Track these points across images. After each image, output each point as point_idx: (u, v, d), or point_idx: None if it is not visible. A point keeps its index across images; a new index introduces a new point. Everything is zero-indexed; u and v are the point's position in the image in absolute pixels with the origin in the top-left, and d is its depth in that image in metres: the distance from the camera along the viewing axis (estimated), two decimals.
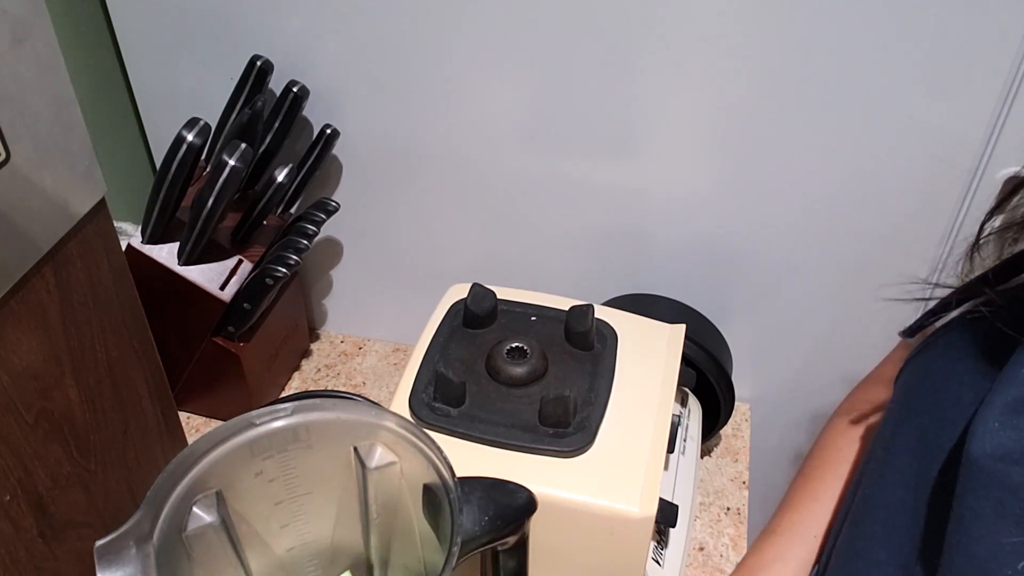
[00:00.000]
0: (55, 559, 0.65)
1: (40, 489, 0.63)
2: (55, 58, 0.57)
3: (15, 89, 0.53)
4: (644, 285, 0.93)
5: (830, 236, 0.83)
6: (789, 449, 1.02)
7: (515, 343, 0.68)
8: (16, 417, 0.59)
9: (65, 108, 0.58)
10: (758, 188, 0.82)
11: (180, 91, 0.91)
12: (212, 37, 0.86)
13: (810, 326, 0.91)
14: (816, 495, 0.64)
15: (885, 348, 0.78)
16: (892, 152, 0.76)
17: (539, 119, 0.83)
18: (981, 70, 0.70)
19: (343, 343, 1.09)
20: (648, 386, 0.68)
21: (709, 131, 0.80)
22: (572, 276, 0.94)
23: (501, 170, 0.88)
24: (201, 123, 0.75)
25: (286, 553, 0.58)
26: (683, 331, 0.73)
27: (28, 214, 0.56)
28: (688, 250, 0.88)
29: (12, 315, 0.57)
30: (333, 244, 1.01)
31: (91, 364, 0.67)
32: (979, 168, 0.75)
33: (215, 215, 0.78)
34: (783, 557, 0.62)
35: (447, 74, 0.82)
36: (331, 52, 0.84)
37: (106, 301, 0.67)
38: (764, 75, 0.75)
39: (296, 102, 0.86)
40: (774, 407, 0.99)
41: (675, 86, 0.77)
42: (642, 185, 0.85)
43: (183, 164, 0.76)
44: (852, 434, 0.66)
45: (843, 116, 0.75)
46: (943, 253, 0.81)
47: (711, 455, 0.95)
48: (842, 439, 0.67)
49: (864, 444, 0.65)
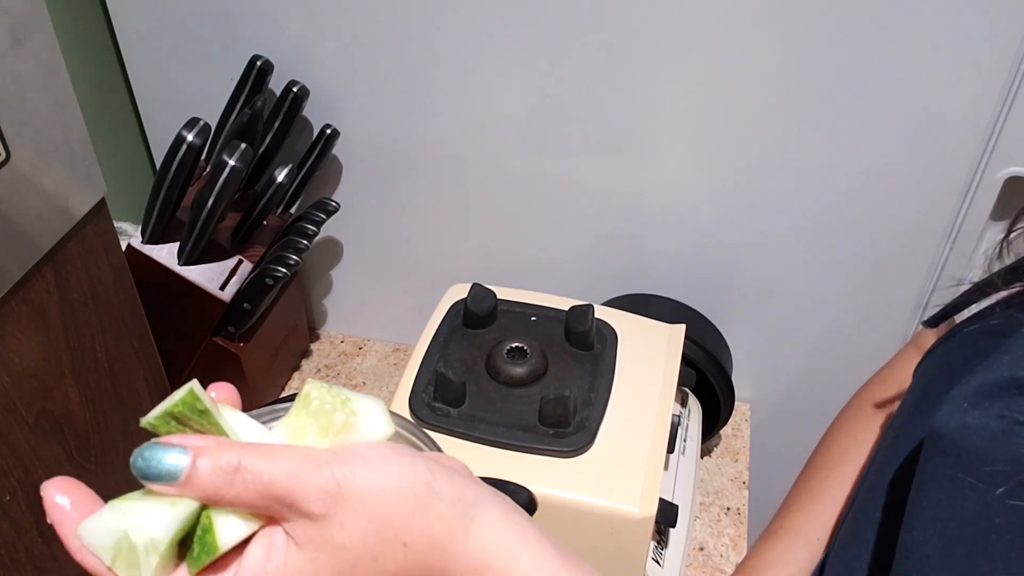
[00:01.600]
0: (55, 559, 0.65)
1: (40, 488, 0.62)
2: (55, 58, 0.57)
3: (15, 89, 0.53)
4: (644, 285, 0.93)
5: (830, 236, 0.83)
6: (789, 449, 1.02)
7: (515, 343, 0.68)
8: (16, 417, 0.59)
9: (65, 108, 0.58)
10: (758, 188, 0.82)
11: (180, 91, 0.91)
12: (212, 37, 0.86)
13: (810, 326, 0.91)
14: (819, 496, 0.64)
15: (885, 347, 0.78)
16: (892, 152, 0.76)
17: (539, 119, 0.83)
18: (981, 70, 0.70)
19: (343, 343, 1.09)
20: (648, 386, 0.68)
21: (709, 131, 0.80)
22: (572, 276, 0.94)
23: (501, 170, 0.88)
24: (201, 123, 0.75)
25: None
26: (683, 331, 0.73)
27: (28, 214, 0.56)
28: (688, 250, 0.88)
29: (12, 315, 0.57)
30: (333, 244, 1.01)
31: (91, 364, 0.67)
32: (979, 168, 0.75)
33: (215, 215, 0.78)
34: (784, 558, 0.62)
35: (447, 74, 0.82)
36: (331, 52, 0.84)
37: (106, 301, 0.67)
38: (765, 76, 0.75)
39: (296, 102, 0.86)
40: (774, 407, 0.99)
41: (675, 86, 0.77)
42: (642, 185, 0.85)
43: (183, 164, 0.76)
44: (856, 435, 0.66)
45: (843, 117, 0.75)
46: (944, 252, 0.81)
47: (711, 455, 0.95)
48: (846, 440, 0.66)
49: (868, 445, 0.64)
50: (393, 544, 0.34)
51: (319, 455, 0.33)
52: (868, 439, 0.65)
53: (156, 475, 0.32)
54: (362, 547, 0.33)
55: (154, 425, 0.34)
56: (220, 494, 0.32)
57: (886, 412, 0.65)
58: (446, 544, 0.35)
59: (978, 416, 0.39)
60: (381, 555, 0.34)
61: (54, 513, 0.33)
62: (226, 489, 0.32)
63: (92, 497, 0.34)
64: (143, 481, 0.32)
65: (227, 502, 0.33)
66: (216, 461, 0.32)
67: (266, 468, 0.32)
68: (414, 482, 0.34)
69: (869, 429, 0.65)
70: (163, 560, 0.33)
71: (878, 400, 0.67)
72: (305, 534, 0.33)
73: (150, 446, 0.32)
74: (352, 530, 0.33)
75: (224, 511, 0.33)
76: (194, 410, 0.34)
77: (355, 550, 0.33)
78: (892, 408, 0.65)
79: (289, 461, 0.33)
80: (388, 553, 0.34)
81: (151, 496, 0.33)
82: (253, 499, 0.32)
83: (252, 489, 0.32)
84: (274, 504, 0.32)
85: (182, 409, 0.34)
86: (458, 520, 0.35)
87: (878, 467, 0.52)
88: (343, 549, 0.33)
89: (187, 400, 0.34)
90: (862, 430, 0.66)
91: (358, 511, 0.33)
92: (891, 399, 0.65)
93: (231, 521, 0.33)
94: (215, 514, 0.33)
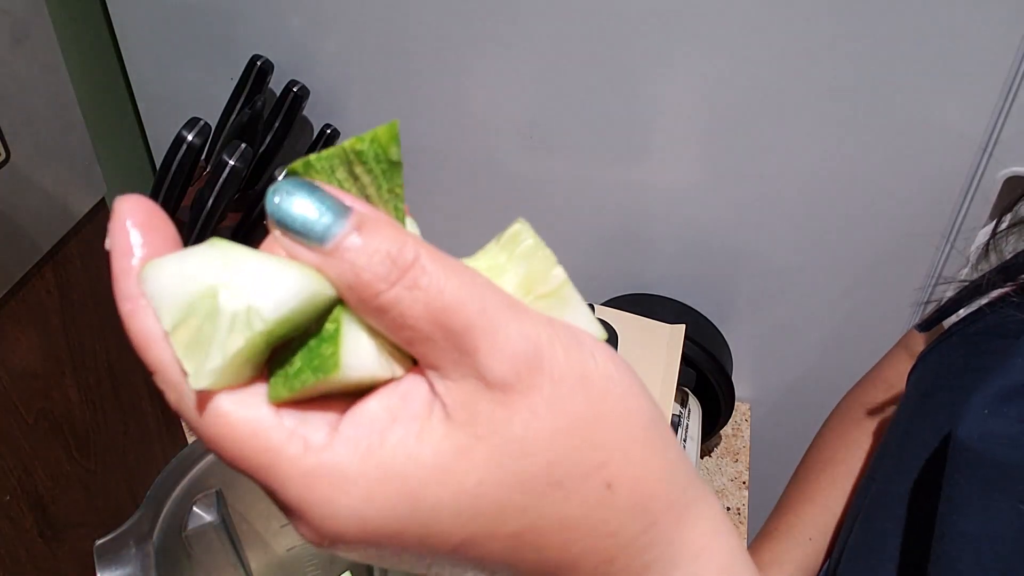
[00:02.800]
0: (55, 558, 0.65)
1: (40, 489, 0.63)
2: (55, 58, 0.57)
3: (15, 89, 0.53)
4: (644, 285, 0.93)
5: (831, 236, 0.83)
6: (789, 449, 1.02)
7: None
8: (16, 417, 0.59)
9: (65, 108, 0.58)
10: (758, 188, 0.82)
11: (180, 91, 0.91)
12: (212, 37, 0.86)
13: (810, 325, 0.91)
14: (811, 497, 0.64)
15: (884, 347, 0.78)
16: (893, 152, 0.76)
17: (539, 119, 0.83)
18: (981, 70, 0.70)
19: None
20: (648, 386, 0.67)
21: (709, 132, 0.79)
22: (572, 275, 0.94)
23: (501, 170, 0.88)
24: (201, 123, 0.75)
25: (286, 553, 0.58)
26: (683, 331, 0.73)
27: (28, 214, 0.56)
28: (688, 250, 0.88)
29: (12, 315, 0.57)
30: None
31: (91, 364, 0.67)
32: (979, 168, 0.75)
33: (215, 215, 0.78)
34: (779, 560, 0.62)
35: (447, 74, 0.82)
36: (331, 52, 0.84)
37: (106, 301, 0.67)
38: (765, 76, 0.75)
39: (296, 102, 0.86)
40: (774, 407, 0.99)
41: (676, 86, 0.77)
42: (642, 185, 0.85)
43: (183, 164, 0.75)
44: (846, 437, 0.66)
45: (843, 117, 0.75)
46: (944, 252, 0.81)
47: (711, 455, 0.95)
48: (837, 442, 0.67)
49: (860, 446, 0.65)
50: (593, 478, 0.22)
51: (524, 306, 0.23)
52: (859, 441, 0.65)
53: (296, 224, 0.21)
54: (549, 457, 0.21)
55: (308, 166, 0.22)
56: (374, 291, 0.21)
57: (877, 415, 0.65)
58: (659, 514, 0.23)
59: (1000, 423, 0.39)
60: (571, 486, 0.22)
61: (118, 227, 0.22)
62: (386, 287, 0.21)
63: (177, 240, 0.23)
64: (275, 227, 0.21)
65: (377, 309, 0.21)
66: (385, 242, 0.21)
67: (450, 284, 0.21)
68: (650, 416, 0.24)
69: (860, 431, 0.65)
70: (249, 349, 0.20)
71: (868, 402, 0.67)
72: (466, 404, 0.21)
73: (299, 183, 0.21)
74: (543, 427, 0.21)
75: (364, 325, 0.22)
76: (382, 159, 0.23)
77: (535, 457, 0.21)
78: (884, 411, 0.65)
79: (486, 291, 0.22)
80: (582, 488, 0.22)
81: (269, 257, 0.21)
82: (417, 319, 0.21)
83: (422, 303, 0.21)
84: (441, 339, 0.21)
85: (367, 149, 0.22)
86: (678, 492, 0.24)
87: (885, 475, 0.52)
88: (519, 450, 0.21)
89: (380, 137, 0.22)
90: (853, 432, 0.66)
91: (563, 405, 0.22)
92: (882, 402, 0.65)
93: (367, 344, 0.22)
94: (348, 322, 0.21)
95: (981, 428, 0.39)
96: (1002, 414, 0.39)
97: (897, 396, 0.63)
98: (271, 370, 0.22)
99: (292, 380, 0.21)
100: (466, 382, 0.21)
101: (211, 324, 0.20)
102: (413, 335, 0.21)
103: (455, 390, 0.21)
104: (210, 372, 0.20)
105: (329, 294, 0.21)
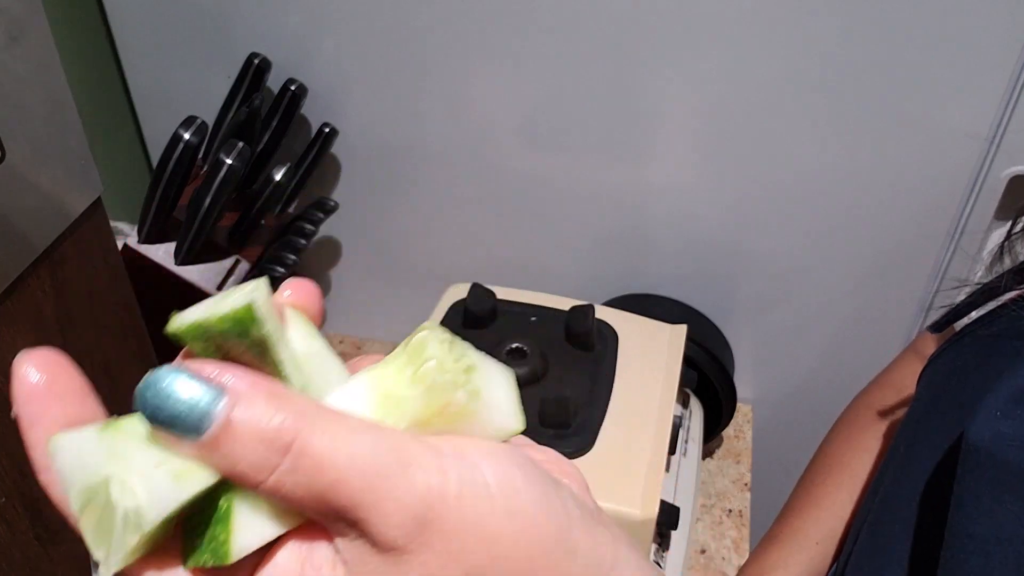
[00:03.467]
0: (51, 562, 0.65)
1: (36, 491, 0.62)
2: (51, 56, 0.56)
3: (10, 88, 0.53)
4: (645, 285, 0.92)
5: (832, 236, 0.83)
6: (792, 451, 1.01)
7: (515, 343, 0.67)
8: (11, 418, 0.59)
9: (61, 107, 0.58)
10: (760, 188, 0.81)
11: (177, 89, 0.91)
12: (209, 35, 0.86)
13: (813, 326, 0.90)
14: (818, 501, 0.64)
15: (888, 348, 0.77)
16: (896, 151, 0.75)
17: (539, 118, 0.83)
18: (986, 69, 0.69)
19: (342, 343, 1.08)
20: (649, 387, 0.67)
21: (710, 131, 0.79)
22: (572, 276, 0.94)
23: (501, 169, 0.87)
24: (198, 122, 0.74)
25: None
26: (684, 332, 0.73)
27: (23, 213, 0.56)
28: (690, 250, 0.88)
29: (7, 315, 0.57)
30: (331, 244, 1.00)
31: (87, 364, 0.66)
32: (983, 167, 0.74)
33: (212, 214, 0.77)
34: (785, 563, 0.62)
35: (447, 73, 0.82)
36: (330, 50, 0.84)
37: (102, 301, 0.67)
38: (767, 76, 0.74)
39: (294, 101, 0.85)
40: (777, 408, 0.99)
41: (678, 86, 0.77)
42: (643, 185, 0.84)
43: (180, 163, 0.75)
44: (854, 441, 0.66)
45: (847, 116, 0.75)
46: (948, 251, 0.81)
47: (713, 457, 0.94)
48: (845, 446, 0.66)
49: (867, 450, 0.64)
50: None
51: (415, 451, 0.22)
52: (868, 445, 0.64)
53: (167, 418, 0.21)
54: None
55: (180, 335, 0.22)
56: (255, 478, 0.21)
57: (886, 418, 0.65)
58: None
59: (1012, 425, 0.39)
60: None
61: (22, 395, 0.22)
62: (265, 473, 0.21)
63: (84, 392, 0.23)
64: (148, 422, 0.21)
65: (261, 492, 0.21)
66: (262, 422, 0.21)
67: (334, 458, 0.21)
68: (545, 526, 0.23)
69: (869, 435, 0.65)
70: (146, 541, 0.21)
71: (877, 406, 0.66)
72: (364, 561, 0.22)
73: (169, 371, 0.21)
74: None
75: (254, 498, 0.22)
76: (244, 333, 0.22)
77: None
78: (893, 415, 0.64)
79: (372, 452, 0.21)
80: None
81: (155, 450, 0.22)
82: (303, 499, 0.21)
83: (305, 485, 0.21)
84: (329, 514, 0.22)
85: (226, 328, 0.22)
86: None
87: (893, 479, 0.51)
88: None
89: (239, 316, 0.22)
90: (861, 436, 0.65)
91: (457, 556, 0.22)
92: (891, 406, 0.65)
93: (259, 517, 0.22)
94: (239, 500, 0.22)
95: (993, 430, 0.39)
96: (1014, 416, 0.39)
97: (906, 399, 0.63)
98: (184, 531, 0.23)
99: (199, 558, 0.22)
100: (361, 542, 0.22)
101: (109, 515, 0.21)
102: (304, 509, 0.22)
103: (352, 549, 0.22)
104: (116, 563, 0.22)
105: (214, 477, 0.22)
